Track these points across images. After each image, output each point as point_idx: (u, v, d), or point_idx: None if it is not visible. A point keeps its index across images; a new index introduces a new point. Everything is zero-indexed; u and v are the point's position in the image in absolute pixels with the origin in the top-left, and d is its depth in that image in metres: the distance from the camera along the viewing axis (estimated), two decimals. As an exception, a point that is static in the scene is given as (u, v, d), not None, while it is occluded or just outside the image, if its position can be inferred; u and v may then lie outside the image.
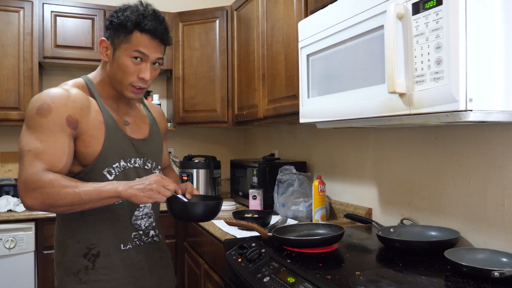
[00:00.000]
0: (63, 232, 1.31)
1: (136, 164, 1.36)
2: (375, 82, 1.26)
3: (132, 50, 1.25)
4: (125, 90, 1.30)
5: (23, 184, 1.15)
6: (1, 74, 2.67)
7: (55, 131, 1.19)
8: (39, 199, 1.14)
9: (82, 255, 1.28)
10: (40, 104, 1.20)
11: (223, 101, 2.88)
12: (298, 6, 1.92)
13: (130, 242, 1.35)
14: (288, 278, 1.22)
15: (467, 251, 1.27)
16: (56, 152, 1.19)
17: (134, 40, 1.25)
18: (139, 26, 1.24)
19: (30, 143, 1.18)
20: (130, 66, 1.26)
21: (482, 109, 1.02)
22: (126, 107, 1.41)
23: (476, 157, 1.44)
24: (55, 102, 1.21)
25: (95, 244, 1.29)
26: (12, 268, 2.38)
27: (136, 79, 1.28)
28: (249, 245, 1.53)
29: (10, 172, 2.95)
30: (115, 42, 1.27)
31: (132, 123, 1.41)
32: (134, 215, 1.36)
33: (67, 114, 1.22)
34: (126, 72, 1.26)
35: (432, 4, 1.05)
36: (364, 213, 1.96)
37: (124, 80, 1.28)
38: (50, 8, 2.78)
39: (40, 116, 1.19)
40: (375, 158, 1.95)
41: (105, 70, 1.32)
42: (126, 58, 1.26)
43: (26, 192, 1.15)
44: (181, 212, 1.33)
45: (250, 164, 2.55)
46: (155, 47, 1.28)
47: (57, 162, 1.19)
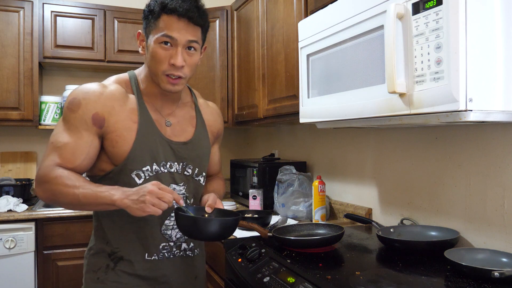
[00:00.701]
0: (96, 230, 1.31)
1: (172, 168, 1.27)
2: (375, 82, 1.26)
3: (159, 34, 1.16)
4: (161, 81, 1.21)
5: (38, 174, 1.16)
6: (1, 74, 2.67)
7: (80, 128, 1.17)
8: (46, 193, 1.15)
9: (107, 254, 1.26)
10: (72, 99, 1.19)
11: (223, 101, 2.88)
12: (298, 6, 1.92)
13: (157, 253, 1.26)
14: (288, 278, 1.22)
15: (467, 251, 1.27)
16: (74, 149, 1.16)
17: (162, 23, 1.16)
18: (165, 7, 1.16)
19: (55, 135, 1.19)
20: (160, 52, 1.17)
21: (482, 109, 1.02)
22: (171, 106, 1.32)
23: (476, 157, 1.44)
24: (86, 98, 1.19)
25: (118, 248, 1.25)
26: (12, 268, 2.38)
27: (168, 67, 1.18)
28: (249, 245, 1.53)
29: (10, 172, 2.95)
30: (146, 31, 1.22)
31: (175, 124, 1.31)
32: (164, 224, 1.27)
33: (94, 112, 1.18)
34: (157, 60, 1.18)
35: (432, 4, 1.05)
36: (364, 213, 1.96)
37: (157, 69, 1.19)
38: (50, 8, 2.78)
39: (70, 111, 1.18)
40: (375, 158, 1.95)
41: (146, 66, 1.26)
42: (156, 45, 1.17)
43: (38, 184, 1.16)
44: (188, 229, 1.16)
45: (250, 164, 2.55)
46: (184, 28, 1.17)
47: (72, 159, 1.16)
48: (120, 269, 1.25)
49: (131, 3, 3.19)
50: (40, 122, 2.84)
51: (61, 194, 1.13)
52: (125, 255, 1.25)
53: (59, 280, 2.49)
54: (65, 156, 1.16)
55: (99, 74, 3.20)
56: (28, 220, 2.42)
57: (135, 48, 2.97)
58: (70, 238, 2.51)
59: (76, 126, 1.17)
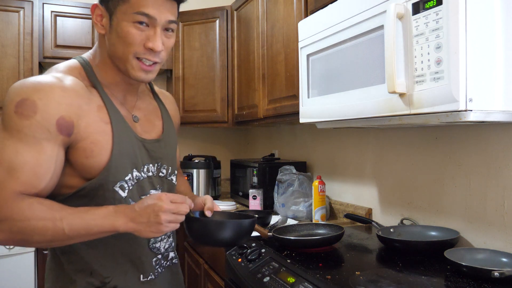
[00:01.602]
0: (67, 262, 1.03)
1: (149, 172, 1.09)
2: (375, 82, 1.26)
3: (133, 12, 0.95)
4: (130, 68, 0.99)
5: None
6: (1, 74, 2.67)
7: (40, 138, 0.89)
8: (7, 233, 0.87)
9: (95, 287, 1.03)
10: (21, 100, 0.88)
11: (223, 101, 2.88)
12: (298, 6, 1.92)
13: (152, 271, 1.10)
14: (288, 278, 1.22)
15: (467, 251, 1.27)
16: (36, 169, 0.89)
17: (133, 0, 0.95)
18: None
19: (3, 152, 0.88)
20: (134, 33, 0.96)
21: (482, 109, 1.02)
22: (134, 97, 1.11)
23: (476, 157, 1.44)
24: (42, 98, 0.89)
25: (110, 276, 1.03)
26: (12, 268, 2.38)
27: (143, 50, 0.97)
28: (249, 245, 1.53)
29: (10, 172, 2.95)
30: (110, 5, 0.97)
31: (143, 118, 1.12)
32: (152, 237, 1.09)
33: (59, 116, 0.91)
34: (128, 42, 0.96)
35: (432, 4, 1.05)
36: (364, 213, 1.96)
37: (127, 53, 0.97)
38: (50, 8, 2.78)
39: (20, 117, 0.88)
40: (375, 158, 1.95)
41: (104, 48, 1.02)
42: (127, 24, 0.95)
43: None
44: (203, 234, 1.04)
45: (250, 164, 2.55)
46: (163, 5, 0.97)
47: (36, 182, 0.89)
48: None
49: (131, 3, 3.19)
50: (40, 122, 2.84)
51: (36, 230, 0.88)
52: (119, 283, 1.04)
53: (59, 280, 2.49)
54: (25, 180, 0.88)
55: (99, 74, 3.20)
56: (28, 220, 2.42)
57: (135, 48, 2.97)
58: (70, 238, 2.51)
59: (34, 137, 0.89)
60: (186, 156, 3.05)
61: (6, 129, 0.89)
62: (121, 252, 1.05)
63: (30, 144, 0.89)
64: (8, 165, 0.87)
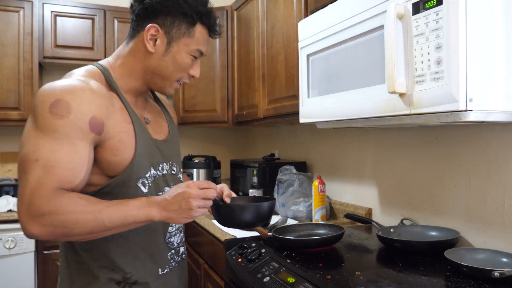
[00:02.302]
0: (89, 259, 1.06)
1: (164, 170, 1.16)
2: (375, 82, 1.26)
3: (194, 46, 1.09)
4: (168, 86, 1.13)
5: (27, 206, 0.89)
6: (1, 74, 2.67)
7: (74, 137, 0.94)
8: (49, 228, 0.90)
9: (115, 283, 1.07)
10: (55, 100, 0.93)
11: (223, 101, 2.88)
12: (298, 6, 1.92)
13: (168, 264, 1.16)
14: (288, 278, 1.22)
15: (467, 251, 1.27)
16: (72, 165, 0.93)
17: (198, 34, 1.09)
18: (202, 18, 1.08)
19: (39, 150, 0.91)
20: (188, 63, 1.10)
21: (482, 109, 1.02)
22: (143, 101, 1.20)
23: (476, 157, 1.44)
24: (75, 99, 0.95)
25: (131, 272, 1.08)
26: (12, 268, 2.38)
27: (186, 76, 1.14)
28: (249, 245, 1.53)
29: (10, 172, 2.96)
30: (172, 32, 1.07)
31: (152, 120, 1.20)
32: (167, 232, 1.16)
33: (91, 115, 0.96)
34: (181, 69, 1.10)
35: (432, 4, 1.05)
36: (364, 213, 1.96)
37: (174, 76, 1.11)
38: (50, 8, 2.78)
39: (56, 117, 0.92)
40: (375, 158, 1.95)
41: (139, 61, 1.10)
42: (185, 55, 1.09)
43: (32, 218, 0.89)
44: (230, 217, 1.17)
45: (250, 164, 2.55)
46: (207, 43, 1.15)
47: (71, 178, 0.94)
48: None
49: (131, 3, 3.19)
50: (40, 122, 2.84)
51: (78, 223, 0.92)
52: (140, 278, 1.09)
53: (59, 280, 2.49)
54: (62, 176, 0.92)
55: (99, 74, 3.20)
56: (28, 220, 2.42)
57: (135, 48, 2.96)
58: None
59: (68, 136, 0.93)
60: (186, 156, 3.05)
61: (40, 129, 0.93)
62: (141, 247, 1.10)
63: (65, 143, 0.93)
64: (45, 163, 0.91)
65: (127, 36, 1.13)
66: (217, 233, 1.87)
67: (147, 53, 1.09)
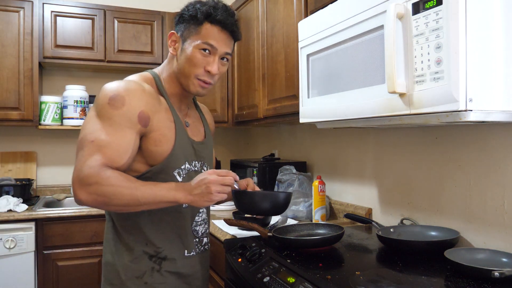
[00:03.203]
0: (126, 234, 1.25)
1: (196, 167, 1.33)
2: (375, 82, 1.26)
3: (201, 41, 1.21)
4: (191, 84, 1.25)
5: (79, 176, 1.08)
6: (1, 74, 2.67)
7: (124, 126, 1.13)
8: (93, 195, 1.07)
9: (148, 257, 1.24)
10: (113, 95, 1.14)
11: (223, 101, 2.88)
12: (298, 6, 1.92)
13: (193, 248, 1.32)
14: (288, 278, 1.22)
15: (467, 251, 1.27)
16: (119, 148, 1.12)
17: (204, 31, 1.22)
18: (210, 17, 1.21)
19: (95, 133, 1.11)
20: (198, 57, 1.22)
21: (482, 109, 1.02)
22: (186, 107, 1.38)
23: (476, 157, 1.44)
24: (129, 95, 1.15)
25: (162, 248, 1.25)
26: (12, 268, 2.38)
27: (203, 72, 1.24)
28: (249, 245, 1.53)
29: (10, 172, 2.96)
30: (184, 34, 1.24)
31: (191, 124, 1.37)
32: (194, 220, 1.33)
33: (140, 110, 1.16)
34: (193, 64, 1.22)
35: (432, 4, 1.05)
36: (364, 213, 1.96)
37: (191, 72, 1.23)
38: (50, 8, 2.78)
39: (112, 108, 1.13)
40: (375, 158, 1.95)
41: (172, 65, 1.28)
42: (195, 50, 1.22)
43: (81, 186, 1.07)
44: (250, 204, 1.30)
45: (250, 164, 2.55)
46: (224, 40, 1.24)
47: (118, 158, 1.12)
48: (165, 269, 1.25)
49: (131, 3, 3.19)
50: (40, 122, 2.84)
51: (116, 195, 1.08)
52: (169, 254, 1.26)
53: (59, 280, 2.49)
54: (110, 155, 1.11)
55: (99, 74, 3.20)
56: (28, 220, 2.42)
57: (135, 48, 2.97)
58: (70, 238, 2.51)
59: (120, 124, 1.13)
60: (186, 156, 3.05)
61: (99, 116, 1.14)
62: (171, 228, 1.27)
63: (116, 129, 1.13)
64: (99, 143, 1.11)
65: None
66: (217, 233, 1.87)
67: (173, 57, 1.29)
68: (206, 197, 1.13)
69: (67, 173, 3.13)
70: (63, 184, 3.12)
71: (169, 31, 3.05)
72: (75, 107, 2.90)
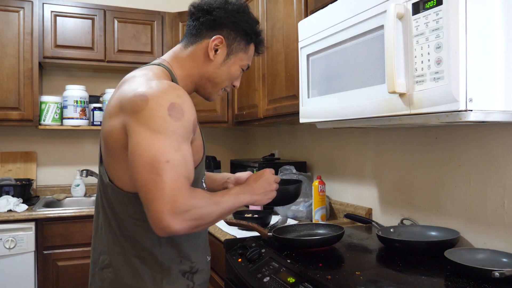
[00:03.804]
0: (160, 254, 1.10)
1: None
2: (375, 82, 1.26)
3: (246, 61, 1.22)
4: (215, 92, 1.23)
5: (172, 204, 0.92)
6: (1, 74, 2.67)
7: (186, 137, 1.01)
8: (188, 222, 0.95)
9: (182, 274, 1.12)
10: (171, 104, 0.98)
11: (223, 101, 2.88)
12: (298, 6, 1.92)
13: (210, 252, 1.26)
14: (288, 278, 1.22)
15: (467, 251, 1.27)
16: (190, 164, 1.00)
17: (251, 52, 1.23)
18: (257, 38, 1.22)
19: (166, 152, 0.95)
20: (237, 75, 1.22)
21: (482, 109, 1.02)
22: None
23: (476, 157, 1.44)
24: (184, 103, 1.01)
25: (195, 262, 1.15)
26: (12, 268, 2.38)
27: (230, 85, 1.24)
28: (249, 245, 1.53)
29: (10, 172, 2.96)
30: (233, 46, 1.18)
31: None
32: None
33: (194, 117, 1.04)
34: (231, 78, 1.21)
35: (432, 4, 1.05)
36: (364, 213, 1.96)
37: (223, 84, 1.21)
38: (50, 8, 2.78)
39: (174, 119, 0.98)
40: (375, 158, 1.95)
41: (198, 67, 1.18)
42: (238, 68, 1.21)
43: (175, 215, 0.93)
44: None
45: (250, 164, 2.55)
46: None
47: (191, 174, 1.01)
48: (198, 284, 1.15)
49: (131, 3, 3.19)
50: (40, 122, 2.84)
51: (209, 215, 1.00)
52: (200, 266, 1.17)
53: (59, 280, 2.49)
54: (187, 174, 0.98)
55: (99, 74, 3.21)
56: (28, 220, 2.42)
57: (135, 48, 2.97)
58: (70, 238, 2.51)
59: (183, 136, 1.00)
60: (186, 156, 3.05)
61: (160, 131, 0.96)
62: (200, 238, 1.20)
63: (182, 143, 0.99)
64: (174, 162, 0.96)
65: (184, 40, 1.20)
66: (217, 233, 1.87)
67: (206, 60, 1.17)
68: (268, 195, 1.18)
69: (67, 173, 3.14)
70: (63, 184, 3.12)
71: (169, 31, 3.06)
72: (75, 107, 2.90)
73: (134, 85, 1.03)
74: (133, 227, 1.08)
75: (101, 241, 1.15)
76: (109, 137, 1.06)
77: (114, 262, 1.11)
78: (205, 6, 1.17)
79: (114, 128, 1.04)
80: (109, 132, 1.06)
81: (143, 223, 1.06)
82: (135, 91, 1.00)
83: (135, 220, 1.08)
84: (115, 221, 1.10)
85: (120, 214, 1.09)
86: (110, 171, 1.09)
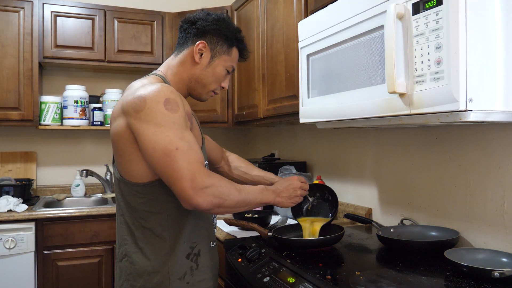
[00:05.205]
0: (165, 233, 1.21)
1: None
2: (375, 82, 1.26)
3: (230, 63, 1.35)
4: (204, 93, 1.36)
5: (191, 182, 1.05)
6: (1, 74, 2.67)
7: (185, 126, 1.14)
8: (210, 197, 1.07)
9: (185, 256, 1.23)
10: (165, 100, 1.12)
11: (223, 101, 2.88)
12: (298, 6, 1.92)
13: (215, 240, 1.36)
14: (288, 278, 1.22)
15: (467, 251, 1.28)
16: (198, 148, 1.12)
17: (234, 54, 1.36)
18: (240, 43, 1.36)
19: (173, 141, 1.08)
20: (223, 75, 1.35)
21: (482, 109, 1.02)
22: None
23: (476, 157, 1.44)
24: (176, 97, 1.16)
25: (196, 242, 1.25)
26: (12, 268, 2.38)
27: (218, 87, 1.37)
28: (249, 245, 1.53)
29: (10, 172, 2.95)
30: (216, 49, 1.32)
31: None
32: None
33: (187, 109, 1.20)
34: (217, 80, 1.34)
35: (432, 4, 1.05)
36: (364, 213, 1.96)
37: (211, 86, 1.34)
38: (50, 8, 2.78)
39: (171, 111, 1.11)
40: (375, 158, 1.95)
41: (187, 70, 1.32)
42: (222, 69, 1.34)
43: (197, 191, 1.05)
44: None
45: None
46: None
47: (201, 157, 1.11)
48: (201, 265, 1.26)
49: (131, 3, 3.19)
50: (40, 122, 2.84)
51: (229, 196, 1.12)
52: (202, 248, 1.27)
53: (59, 280, 2.49)
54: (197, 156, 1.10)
55: (99, 74, 3.21)
56: (28, 220, 2.42)
57: (135, 48, 2.97)
58: (70, 238, 2.51)
59: (183, 125, 1.13)
60: (186, 156, 3.04)
61: (162, 124, 1.10)
62: (203, 224, 1.30)
63: (184, 131, 1.12)
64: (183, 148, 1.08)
65: (176, 50, 1.36)
66: (217, 233, 1.87)
67: (193, 63, 1.32)
68: (293, 199, 1.33)
69: (67, 173, 3.14)
70: (63, 184, 3.12)
71: (169, 31, 3.06)
72: (75, 107, 2.90)
73: (132, 90, 1.18)
74: (143, 214, 1.20)
75: (119, 235, 1.28)
76: (114, 136, 1.19)
77: (128, 251, 1.23)
78: (191, 18, 1.34)
79: (118, 126, 1.17)
80: (114, 131, 1.19)
81: (152, 210, 1.20)
82: (133, 95, 1.15)
83: (144, 208, 1.20)
84: (128, 212, 1.23)
85: (132, 204, 1.21)
86: (119, 166, 1.22)
